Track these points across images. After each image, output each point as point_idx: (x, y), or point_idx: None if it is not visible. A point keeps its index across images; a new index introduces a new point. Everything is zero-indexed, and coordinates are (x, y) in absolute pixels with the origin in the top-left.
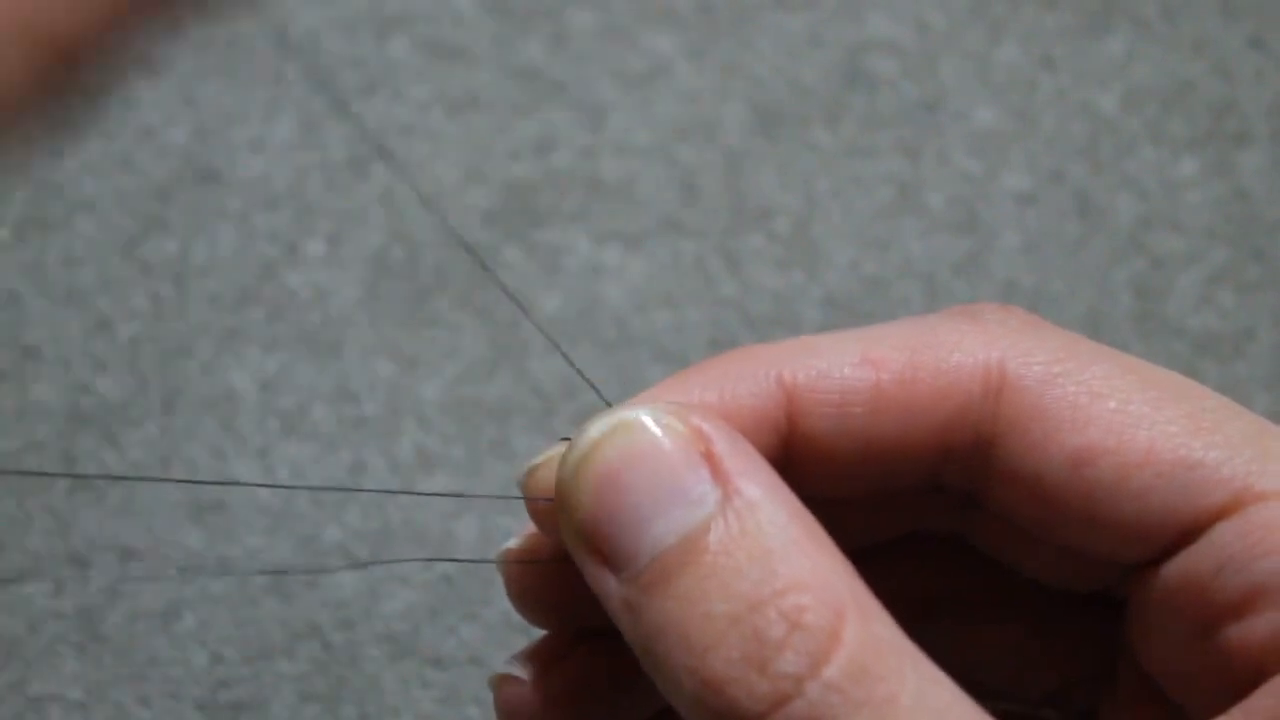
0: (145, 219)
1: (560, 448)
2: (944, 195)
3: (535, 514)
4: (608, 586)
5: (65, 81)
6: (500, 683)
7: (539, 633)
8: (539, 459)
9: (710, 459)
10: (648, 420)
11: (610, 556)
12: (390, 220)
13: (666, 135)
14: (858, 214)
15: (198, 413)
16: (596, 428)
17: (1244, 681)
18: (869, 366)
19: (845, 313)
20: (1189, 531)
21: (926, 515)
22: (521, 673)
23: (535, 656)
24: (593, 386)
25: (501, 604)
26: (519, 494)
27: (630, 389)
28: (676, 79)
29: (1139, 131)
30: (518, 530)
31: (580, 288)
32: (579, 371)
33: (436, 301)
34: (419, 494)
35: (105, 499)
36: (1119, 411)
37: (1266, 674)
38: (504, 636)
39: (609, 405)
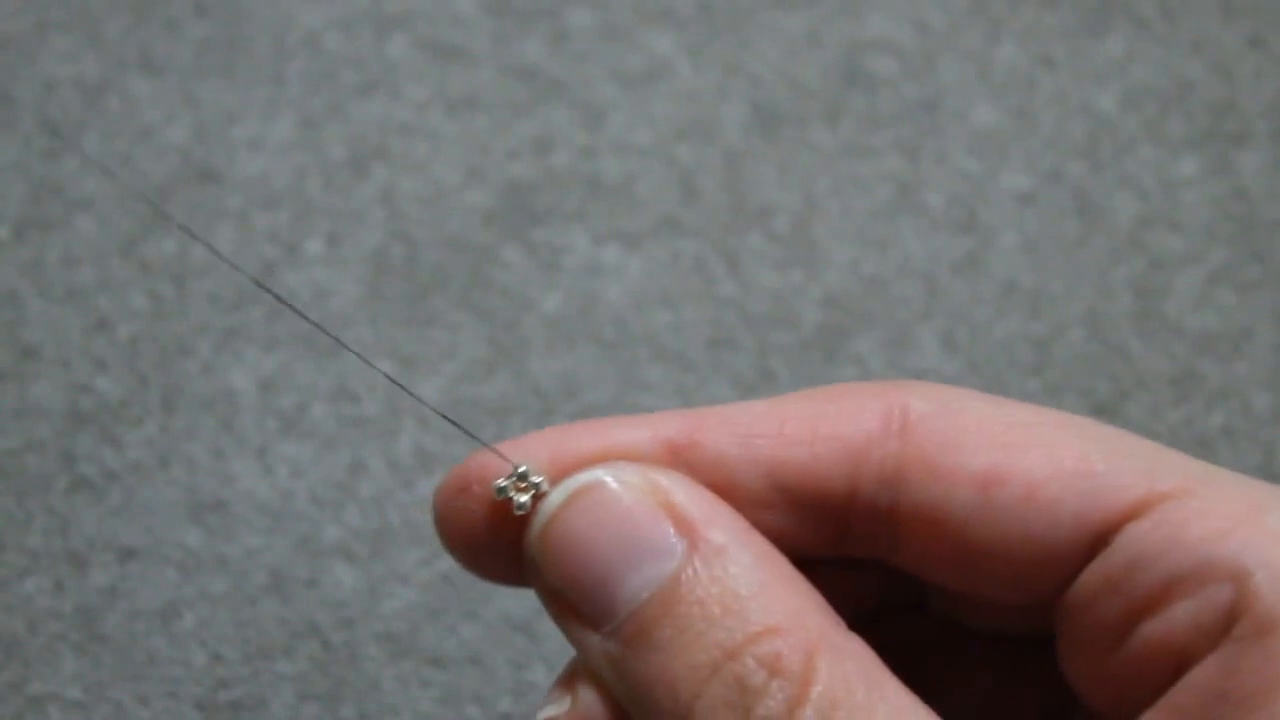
0: (145, 219)
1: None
2: (943, 195)
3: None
4: (589, 643)
5: None
6: None
7: (541, 632)
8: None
9: (671, 510)
10: (607, 479)
11: (588, 615)
12: (390, 220)
13: (666, 135)
14: (857, 214)
15: (197, 412)
16: (557, 494)
17: (1168, 676)
18: (774, 411)
19: (845, 312)
20: (1098, 538)
21: (890, 585)
22: (559, 707)
23: (567, 682)
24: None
25: (502, 603)
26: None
27: (630, 389)
28: (676, 79)
29: (1138, 131)
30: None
31: (580, 287)
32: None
33: (436, 301)
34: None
35: (105, 498)
36: (1018, 429)
37: (1189, 664)
38: (504, 636)
39: (512, 473)
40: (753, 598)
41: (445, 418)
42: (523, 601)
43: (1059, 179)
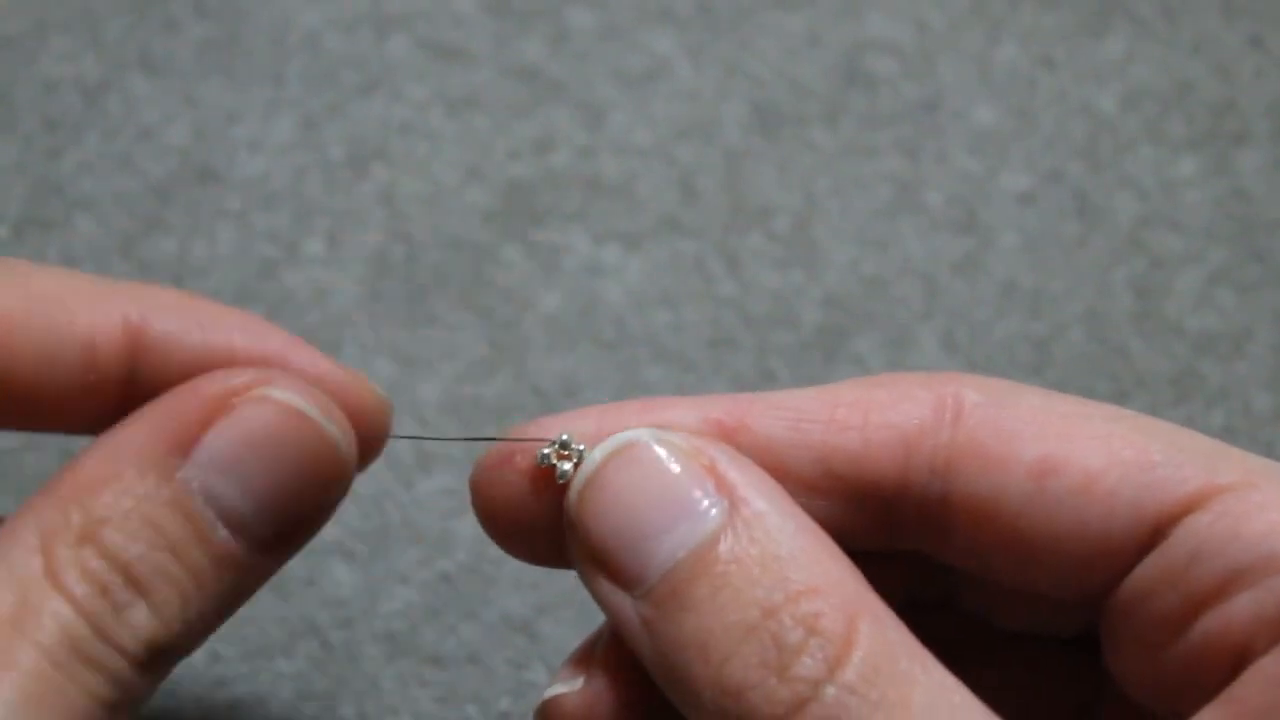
0: (145, 219)
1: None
2: (944, 195)
3: None
4: (621, 604)
5: None
6: (551, 707)
7: (540, 633)
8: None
9: (713, 473)
10: (649, 440)
11: (622, 574)
12: (390, 220)
13: (666, 135)
14: (857, 213)
15: None
16: (600, 450)
17: (1227, 670)
18: (825, 397)
19: (845, 312)
20: (1156, 531)
21: (918, 581)
22: (569, 686)
23: (580, 662)
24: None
25: (501, 603)
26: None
27: (630, 389)
28: (676, 79)
29: (1138, 131)
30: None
31: (580, 287)
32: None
33: (436, 301)
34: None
35: None
36: (1073, 421)
37: (1249, 658)
38: (504, 636)
39: (554, 441)
40: (793, 559)
41: (487, 439)
42: (523, 601)
43: (1059, 179)
